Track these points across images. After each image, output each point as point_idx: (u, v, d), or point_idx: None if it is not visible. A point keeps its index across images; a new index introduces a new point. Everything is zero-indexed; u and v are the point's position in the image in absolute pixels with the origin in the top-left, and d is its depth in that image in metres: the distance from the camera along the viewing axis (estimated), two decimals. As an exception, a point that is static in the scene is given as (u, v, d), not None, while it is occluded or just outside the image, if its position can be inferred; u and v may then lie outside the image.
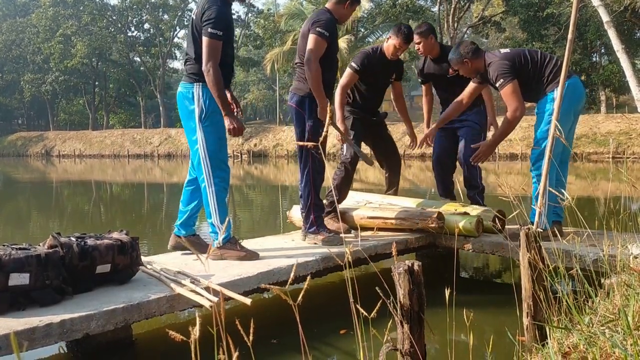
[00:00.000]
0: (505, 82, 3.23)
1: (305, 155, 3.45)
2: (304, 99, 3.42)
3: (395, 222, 3.72)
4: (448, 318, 1.62)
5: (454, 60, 3.49)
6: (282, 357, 2.42)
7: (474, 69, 3.46)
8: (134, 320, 2.30)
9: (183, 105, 3.07)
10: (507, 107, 3.28)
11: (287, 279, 2.81)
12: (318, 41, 3.29)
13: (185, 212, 3.23)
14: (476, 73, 3.51)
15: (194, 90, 3.00)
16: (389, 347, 1.43)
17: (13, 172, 23.99)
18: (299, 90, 3.44)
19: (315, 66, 3.28)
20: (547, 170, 2.48)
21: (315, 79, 3.27)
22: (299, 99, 3.44)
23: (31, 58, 48.15)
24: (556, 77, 3.18)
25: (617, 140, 23.12)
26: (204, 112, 2.99)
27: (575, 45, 23.58)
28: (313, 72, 3.27)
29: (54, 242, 2.38)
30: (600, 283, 2.10)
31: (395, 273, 1.49)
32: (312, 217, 3.47)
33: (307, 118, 3.41)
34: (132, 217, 8.30)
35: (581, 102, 3.42)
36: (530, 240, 2.00)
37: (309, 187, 3.45)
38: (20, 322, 2.01)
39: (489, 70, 3.35)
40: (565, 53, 2.45)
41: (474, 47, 3.46)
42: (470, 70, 3.48)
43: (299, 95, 3.43)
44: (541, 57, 3.40)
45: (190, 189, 3.23)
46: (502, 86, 3.25)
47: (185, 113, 3.06)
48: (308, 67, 3.27)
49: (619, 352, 1.39)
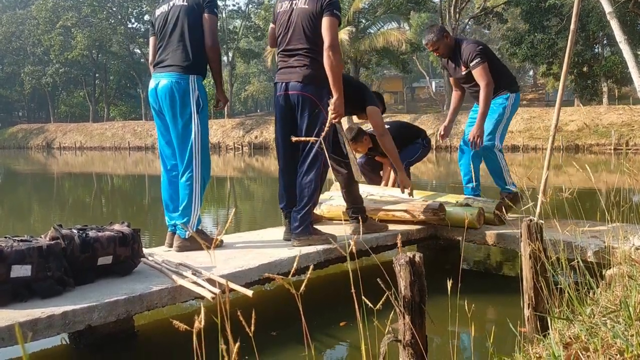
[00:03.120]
0: (481, 61, 3.67)
1: (316, 150, 3.10)
2: (322, 90, 3.08)
3: (397, 214, 3.71)
4: (450, 309, 1.62)
5: (434, 38, 3.80)
6: (282, 348, 2.43)
7: (449, 45, 3.85)
8: (135, 311, 2.31)
9: (175, 96, 2.98)
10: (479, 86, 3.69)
11: (288, 270, 2.81)
12: (336, 25, 3.00)
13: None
14: (449, 50, 3.87)
15: (190, 81, 2.99)
16: (391, 338, 1.43)
17: (14, 164, 24.01)
18: (314, 79, 3.05)
19: (340, 53, 3.00)
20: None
21: (340, 67, 3.00)
22: (315, 89, 3.07)
23: (31, 50, 48.07)
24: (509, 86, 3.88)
25: (619, 132, 23.06)
26: (200, 104, 3.01)
27: (577, 36, 23.46)
28: (338, 60, 2.97)
29: (55, 234, 2.39)
30: (601, 274, 2.10)
31: (397, 265, 1.49)
32: (309, 218, 3.15)
33: (322, 111, 3.09)
34: (133, 209, 8.31)
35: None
36: (532, 232, 2.00)
37: (316, 185, 3.14)
38: (22, 313, 2.02)
39: (464, 49, 3.75)
40: (568, 44, 2.44)
41: (442, 26, 4.03)
42: (448, 46, 3.84)
43: (316, 86, 3.06)
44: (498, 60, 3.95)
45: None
46: (477, 64, 3.66)
47: (179, 104, 2.98)
48: (333, 53, 2.94)
49: (620, 343, 1.39)
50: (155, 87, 3.06)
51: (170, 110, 3.01)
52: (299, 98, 3.07)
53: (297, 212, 3.11)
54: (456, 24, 30.17)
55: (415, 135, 4.59)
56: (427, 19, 44.87)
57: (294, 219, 3.12)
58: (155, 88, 3.05)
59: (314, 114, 3.08)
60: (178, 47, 3.01)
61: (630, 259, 2.08)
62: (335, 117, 2.98)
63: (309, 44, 3.04)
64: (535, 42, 25.94)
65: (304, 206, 3.10)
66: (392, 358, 1.50)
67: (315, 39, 3.01)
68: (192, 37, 3.00)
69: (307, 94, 3.06)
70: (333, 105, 2.97)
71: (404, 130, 4.65)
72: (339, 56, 2.97)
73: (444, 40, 3.84)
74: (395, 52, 27.57)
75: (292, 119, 3.16)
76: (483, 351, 1.56)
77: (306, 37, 3.04)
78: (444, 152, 25.67)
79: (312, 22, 3.01)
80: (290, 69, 3.10)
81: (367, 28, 29.55)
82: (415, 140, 4.54)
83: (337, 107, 2.98)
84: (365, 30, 29.34)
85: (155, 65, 3.11)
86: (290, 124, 3.18)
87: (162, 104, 3.04)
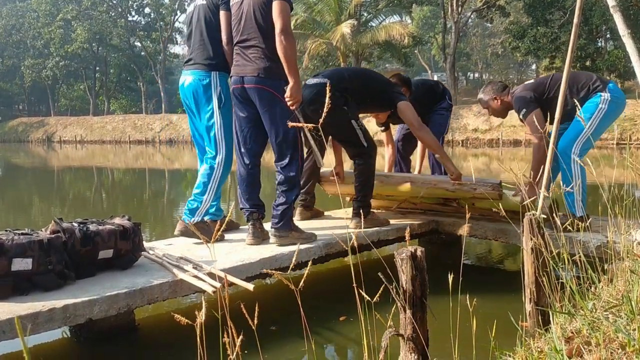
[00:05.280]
0: (527, 112, 3.25)
1: (293, 137, 3.00)
2: (279, 83, 2.91)
3: (449, 187, 3.55)
4: (451, 303, 1.62)
5: (484, 99, 3.54)
6: (282, 343, 2.43)
7: (503, 106, 3.51)
8: (136, 305, 2.31)
9: (199, 92, 3.16)
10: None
11: (289, 264, 2.80)
12: (287, 9, 2.85)
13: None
14: (506, 111, 3.54)
15: (212, 78, 3.13)
16: (392, 332, 1.43)
17: (14, 157, 24.02)
18: (270, 72, 2.90)
19: (293, 38, 2.85)
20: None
21: (293, 52, 2.84)
22: (273, 82, 2.91)
23: (31, 43, 47.93)
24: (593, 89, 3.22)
25: (622, 127, 22.99)
26: (222, 99, 3.14)
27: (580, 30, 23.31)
28: (291, 45, 2.82)
29: (56, 228, 2.38)
30: (603, 269, 2.09)
31: (398, 259, 1.49)
32: (289, 212, 3.03)
33: (277, 102, 2.93)
34: (134, 203, 8.31)
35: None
36: (534, 227, 1.99)
37: (297, 178, 3.04)
38: (23, 306, 2.02)
39: (513, 103, 3.39)
40: (571, 38, 2.42)
41: (501, 85, 3.55)
42: (499, 108, 3.52)
43: (273, 79, 2.91)
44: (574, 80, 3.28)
45: None
46: (524, 116, 3.27)
47: (203, 99, 3.16)
48: (285, 38, 2.79)
49: (622, 337, 1.39)
50: (183, 83, 3.25)
51: (196, 105, 3.21)
52: (257, 92, 2.94)
53: (278, 205, 3.00)
54: (458, 17, 30.04)
55: (441, 97, 4.26)
56: (429, 12, 44.73)
57: (274, 212, 3.01)
58: (183, 85, 3.24)
59: (272, 107, 2.94)
60: (200, 45, 3.18)
61: (632, 254, 2.08)
62: (293, 104, 2.87)
63: (262, 34, 2.90)
64: (538, 36, 25.82)
65: (285, 200, 2.99)
66: (394, 352, 1.49)
67: (269, 28, 2.87)
68: (210, 35, 3.14)
69: (265, 87, 2.92)
70: (289, 92, 2.85)
71: (429, 96, 4.21)
72: (292, 40, 2.83)
73: (492, 102, 3.52)
74: (397, 46, 27.46)
75: (250, 111, 3.04)
76: (484, 345, 1.56)
77: (258, 26, 2.90)
78: (445, 147, 25.65)
79: (264, 11, 2.88)
80: (245, 62, 2.96)
81: (368, 21, 29.42)
82: (440, 104, 4.23)
83: (295, 94, 2.85)
84: (367, 23, 29.21)
85: (185, 64, 3.29)
86: (250, 117, 3.06)
87: (189, 100, 3.24)
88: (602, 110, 3.16)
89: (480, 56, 50.05)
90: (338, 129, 3.37)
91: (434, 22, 45.44)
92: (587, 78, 3.28)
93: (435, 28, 42.96)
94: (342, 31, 24.38)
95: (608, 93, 3.18)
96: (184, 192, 10.13)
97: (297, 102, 2.90)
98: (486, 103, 3.55)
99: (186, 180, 12.57)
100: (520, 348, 1.61)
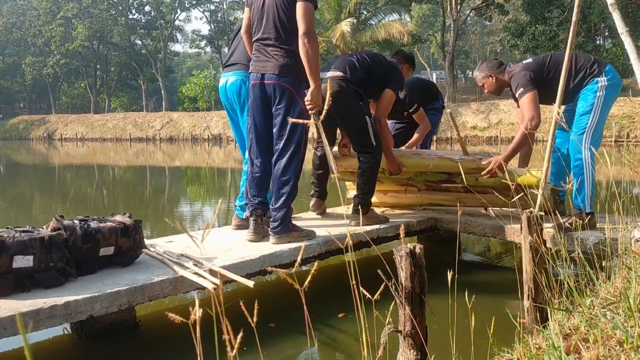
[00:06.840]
0: (524, 91, 3.20)
1: (299, 138, 2.96)
2: (300, 82, 2.90)
3: (454, 158, 3.53)
4: (450, 300, 1.63)
5: (479, 76, 3.54)
6: (281, 340, 2.44)
7: (499, 84, 3.47)
8: (137, 302, 2.32)
9: (241, 92, 3.25)
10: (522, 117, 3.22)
11: (289, 261, 2.83)
12: (311, 10, 2.81)
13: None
14: (501, 89, 3.51)
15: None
16: (391, 329, 1.44)
17: (15, 155, 24.02)
18: (290, 71, 2.88)
19: (316, 40, 2.82)
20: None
21: (317, 55, 2.81)
22: (293, 81, 2.89)
23: (32, 41, 47.95)
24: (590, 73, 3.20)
25: (620, 124, 22.99)
26: (245, 103, 3.24)
27: (579, 27, 23.33)
28: (314, 48, 2.79)
29: (57, 225, 2.39)
30: (601, 266, 2.10)
31: (397, 256, 1.50)
32: (288, 215, 3.00)
33: (297, 103, 2.91)
34: (135, 201, 8.32)
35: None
36: (532, 223, 2.00)
37: (295, 180, 2.97)
38: (24, 303, 2.03)
39: (511, 82, 3.35)
40: (569, 35, 2.43)
41: (497, 62, 3.54)
42: (494, 85, 3.48)
43: (293, 78, 2.89)
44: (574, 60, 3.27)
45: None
46: (520, 96, 3.21)
47: (246, 99, 3.22)
48: (309, 40, 2.76)
49: (620, 334, 1.40)
50: (224, 84, 3.33)
51: (239, 105, 3.30)
52: (276, 88, 2.90)
53: (277, 209, 2.95)
54: (457, 15, 30.00)
55: (434, 97, 4.34)
56: (428, 11, 44.64)
57: (273, 216, 2.97)
58: (225, 85, 3.33)
59: (291, 106, 2.90)
60: (241, 47, 3.29)
61: (630, 251, 2.09)
62: (313, 108, 2.80)
63: (284, 33, 2.87)
64: (536, 34, 25.80)
65: (283, 203, 2.94)
66: (393, 349, 1.51)
67: (291, 27, 2.84)
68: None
69: (286, 85, 2.88)
70: (310, 96, 2.80)
71: (423, 94, 4.22)
72: (315, 44, 2.79)
73: (487, 79, 3.50)
74: (397, 44, 27.45)
75: (268, 108, 2.99)
76: (483, 342, 1.57)
77: (281, 25, 2.86)
78: (444, 144, 25.64)
79: (287, 9, 2.84)
80: (266, 59, 2.93)
81: (368, 19, 29.41)
82: (433, 104, 4.29)
83: (314, 98, 2.80)
84: (367, 21, 29.19)
85: (226, 66, 3.39)
86: (267, 114, 3.02)
87: (231, 100, 3.32)
88: (600, 98, 3.14)
89: (479, 54, 50.00)
90: (351, 124, 3.41)
91: (433, 20, 45.41)
92: (586, 60, 3.26)
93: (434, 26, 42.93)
94: (342, 29, 24.38)
95: (604, 77, 3.17)
96: (184, 189, 10.14)
97: (317, 107, 2.81)
98: (481, 80, 3.56)
99: (186, 178, 12.58)
100: (519, 345, 1.62)
